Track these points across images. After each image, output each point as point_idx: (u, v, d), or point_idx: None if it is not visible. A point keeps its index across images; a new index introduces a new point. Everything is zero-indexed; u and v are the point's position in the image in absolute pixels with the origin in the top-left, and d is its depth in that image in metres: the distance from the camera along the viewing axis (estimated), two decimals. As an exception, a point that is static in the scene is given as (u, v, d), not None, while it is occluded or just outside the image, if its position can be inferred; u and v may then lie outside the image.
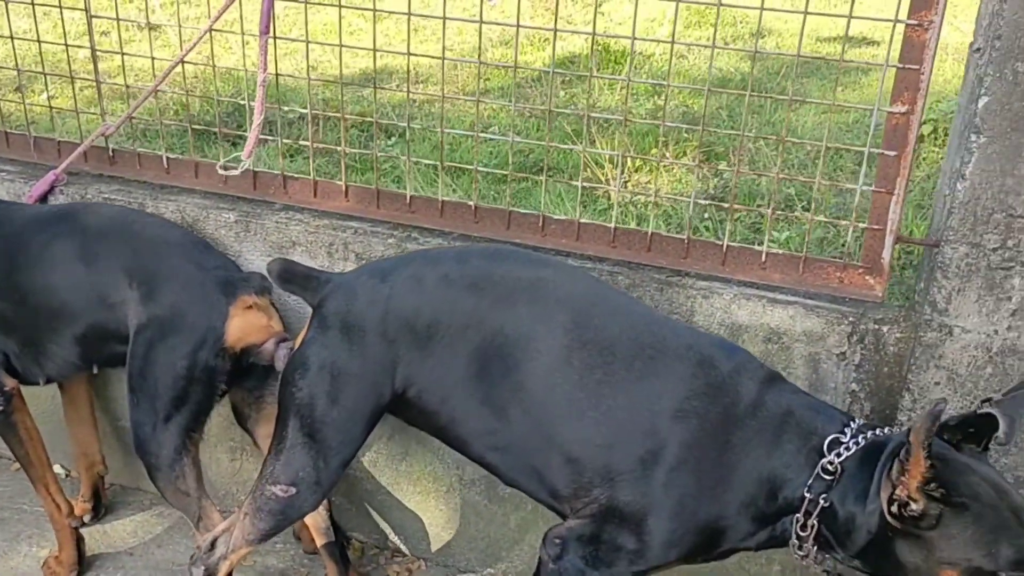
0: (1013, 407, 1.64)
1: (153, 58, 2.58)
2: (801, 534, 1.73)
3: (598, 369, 1.86)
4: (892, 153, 2.03)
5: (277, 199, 2.53)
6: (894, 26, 1.95)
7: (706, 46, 5.34)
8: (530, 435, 1.92)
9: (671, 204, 3.64)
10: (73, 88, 2.71)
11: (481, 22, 2.21)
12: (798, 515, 1.73)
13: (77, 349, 2.36)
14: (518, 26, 2.19)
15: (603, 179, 3.95)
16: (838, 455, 1.71)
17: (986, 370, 1.99)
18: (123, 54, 2.58)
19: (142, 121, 3.27)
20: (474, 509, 2.60)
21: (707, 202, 2.62)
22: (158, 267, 2.28)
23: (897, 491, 1.58)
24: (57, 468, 2.98)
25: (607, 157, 3.90)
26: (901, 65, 1.96)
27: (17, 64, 2.71)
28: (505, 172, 2.29)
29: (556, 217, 2.35)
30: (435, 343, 1.95)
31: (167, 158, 2.60)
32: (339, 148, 2.44)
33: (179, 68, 2.49)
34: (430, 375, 1.97)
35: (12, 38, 2.64)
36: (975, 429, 1.62)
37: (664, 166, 4.02)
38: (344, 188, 2.47)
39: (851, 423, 1.75)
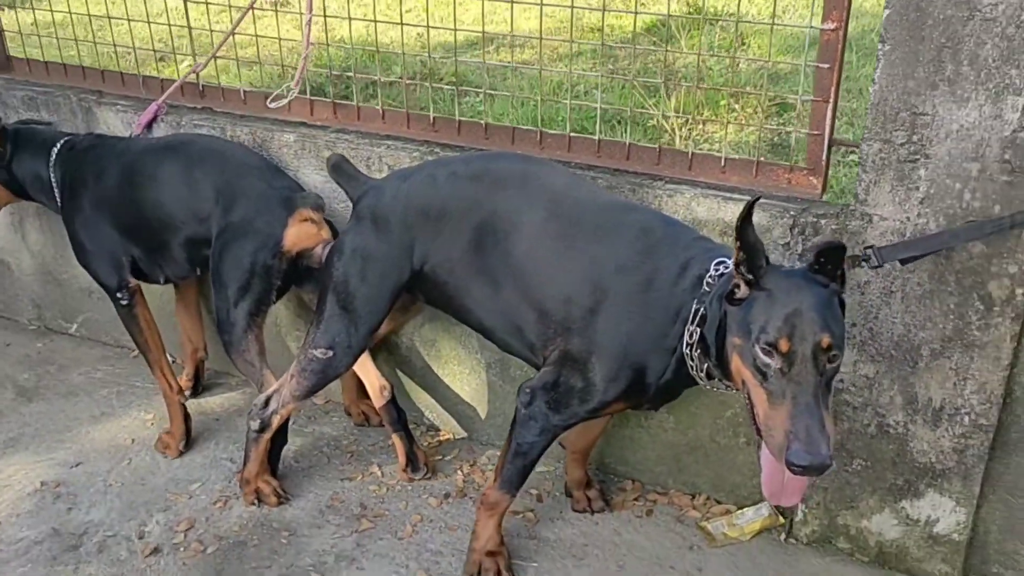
0: (885, 251, 2.07)
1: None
2: (688, 341, 2.07)
3: (567, 238, 2.27)
4: (826, 66, 2.32)
5: (328, 123, 3.03)
6: (819, -47, 2.25)
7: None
8: (515, 296, 2.34)
9: (736, 151, 3.95)
10: (171, 36, 3.29)
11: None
12: (688, 326, 2.07)
13: (184, 255, 2.91)
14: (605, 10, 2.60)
15: (669, 131, 4.28)
16: (717, 270, 2.05)
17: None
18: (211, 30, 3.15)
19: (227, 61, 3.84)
20: (492, 389, 3.04)
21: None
22: (238, 185, 2.79)
23: (732, 280, 1.93)
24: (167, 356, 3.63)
25: (672, 111, 4.23)
26: (829, -13, 2.26)
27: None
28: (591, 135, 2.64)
29: (551, 132, 2.74)
30: (444, 225, 2.40)
31: (244, 91, 3.14)
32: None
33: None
34: (440, 251, 2.41)
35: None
36: (830, 261, 1.91)
37: (732, 117, 4.33)
38: (381, 112, 2.94)
39: None
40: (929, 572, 2.56)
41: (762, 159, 2.51)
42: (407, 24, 2.86)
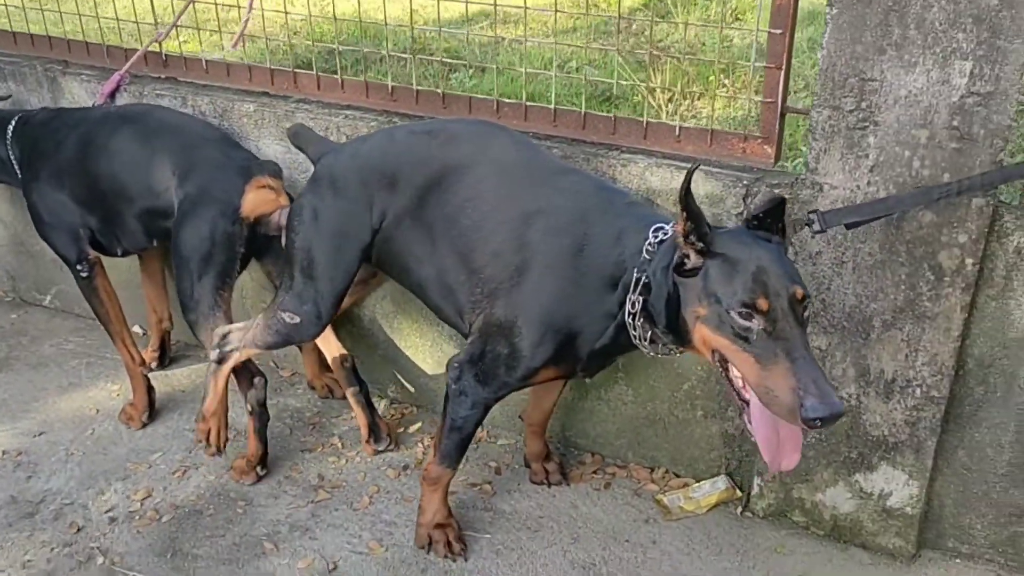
0: (829, 216, 2.04)
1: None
2: (631, 311, 2.03)
3: (502, 193, 2.26)
4: (778, 31, 2.28)
5: (290, 93, 3.00)
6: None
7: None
8: (449, 253, 2.31)
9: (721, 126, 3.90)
10: (134, 8, 3.27)
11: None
12: (629, 295, 2.03)
13: (140, 226, 2.88)
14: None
15: (655, 106, 4.23)
16: (656, 238, 2.01)
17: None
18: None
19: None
20: (452, 361, 3.02)
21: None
22: (195, 157, 2.77)
23: (680, 250, 1.90)
24: (136, 328, 3.63)
25: (659, 87, 4.17)
26: (780, -49, 2.21)
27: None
28: (575, 103, 2.61)
29: (507, 101, 2.71)
30: (399, 180, 2.38)
31: (205, 61, 3.12)
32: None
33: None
34: (393, 207, 2.39)
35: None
36: (770, 216, 1.92)
37: (720, 94, 4.26)
38: (340, 82, 2.92)
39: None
40: (883, 546, 2.54)
41: (716, 128, 2.47)
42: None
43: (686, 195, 1.83)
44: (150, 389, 3.13)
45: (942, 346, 2.26)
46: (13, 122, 3.05)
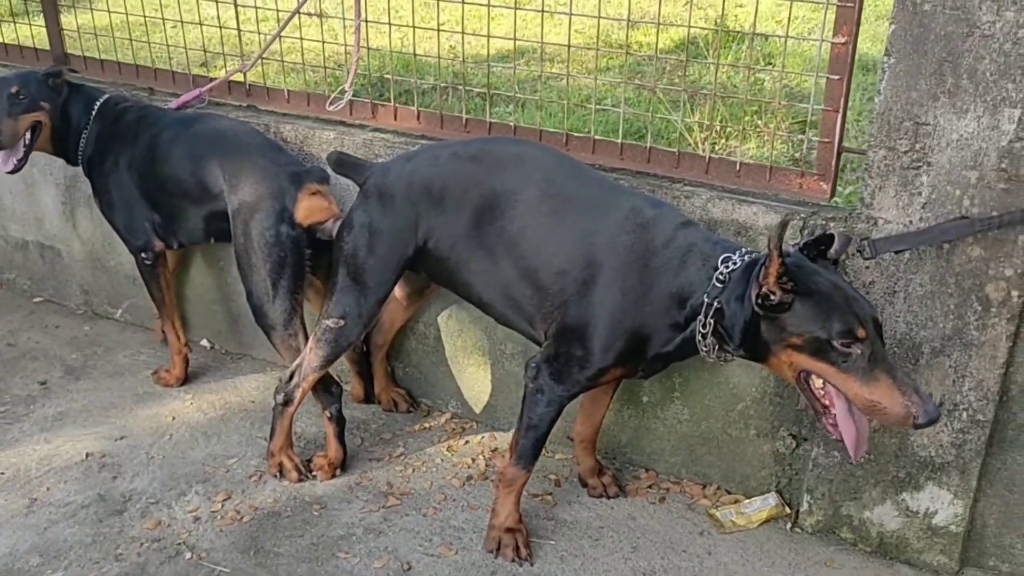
0: (879, 244, 2.28)
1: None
2: (703, 331, 2.26)
3: (558, 214, 2.46)
4: (835, 77, 2.46)
5: (367, 122, 3.21)
6: (832, -29, 2.39)
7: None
8: (512, 271, 2.52)
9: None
10: (222, 39, 3.49)
11: (600, 18, 2.81)
12: (700, 317, 2.26)
13: (201, 225, 3.13)
14: (628, 21, 2.74)
15: (692, 143, 4.41)
16: (727, 268, 2.23)
17: (904, 255, 2.40)
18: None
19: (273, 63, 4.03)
20: (513, 378, 3.19)
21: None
22: (242, 164, 2.96)
23: (762, 288, 2.10)
24: (204, 342, 3.82)
25: (696, 125, 4.35)
26: (840, 3, 2.40)
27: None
28: (615, 139, 2.82)
29: (576, 135, 2.90)
30: (446, 203, 2.59)
31: (288, 91, 3.33)
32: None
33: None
34: (442, 228, 2.60)
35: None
36: (825, 247, 2.17)
37: (755, 132, 4.44)
38: (416, 113, 3.12)
39: (741, 249, 2.28)
40: (928, 563, 2.68)
41: (775, 164, 2.65)
42: (432, 28, 3.02)
43: (779, 245, 2.04)
44: (186, 364, 3.52)
45: (988, 373, 2.41)
46: (100, 101, 3.28)
